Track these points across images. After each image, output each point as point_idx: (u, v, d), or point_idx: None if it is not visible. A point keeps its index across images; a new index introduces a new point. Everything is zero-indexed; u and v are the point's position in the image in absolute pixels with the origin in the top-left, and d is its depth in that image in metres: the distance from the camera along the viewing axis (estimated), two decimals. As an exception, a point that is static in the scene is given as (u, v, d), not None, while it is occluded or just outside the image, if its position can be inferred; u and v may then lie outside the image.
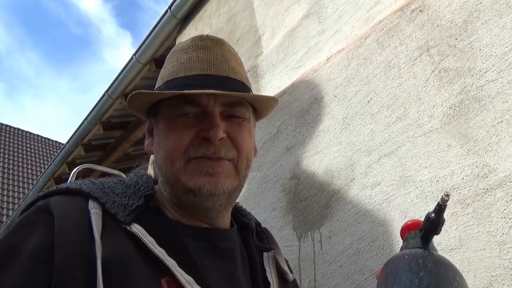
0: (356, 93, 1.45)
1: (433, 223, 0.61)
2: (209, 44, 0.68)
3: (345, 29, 1.60)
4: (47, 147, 14.20)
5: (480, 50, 1.10)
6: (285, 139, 1.73)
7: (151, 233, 0.58)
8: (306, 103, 1.67)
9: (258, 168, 1.81)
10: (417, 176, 1.15)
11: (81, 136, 4.22)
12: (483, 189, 0.99)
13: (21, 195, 10.56)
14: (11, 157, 12.37)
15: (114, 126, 4.27)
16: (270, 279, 0.69)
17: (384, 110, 1.33)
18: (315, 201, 1.48)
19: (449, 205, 0.99)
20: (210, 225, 0.68)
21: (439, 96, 1.17)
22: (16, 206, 8.68)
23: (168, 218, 0.64)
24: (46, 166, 5.08)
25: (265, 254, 0.73)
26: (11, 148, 12.81)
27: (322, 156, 1.52)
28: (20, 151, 12.99)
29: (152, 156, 0.74)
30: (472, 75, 1.10)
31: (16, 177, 11.59)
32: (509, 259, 0.90)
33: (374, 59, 1.42)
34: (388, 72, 1.35)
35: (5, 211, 9.93)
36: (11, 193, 10.86)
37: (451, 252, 1.00)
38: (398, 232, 0.87)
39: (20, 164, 12.34)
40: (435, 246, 0.65)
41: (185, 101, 0.64)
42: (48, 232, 0.52)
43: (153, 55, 3.40)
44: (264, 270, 0.70)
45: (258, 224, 0.79)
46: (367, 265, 1.21)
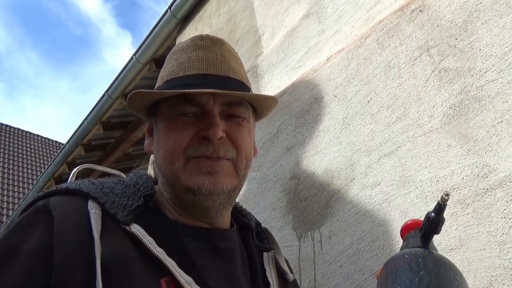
0: (356, 93, 1.45)
1: (433, 223, 0.61)
2: (209, 44, 0.68)
3: (345, 29, 1.60)
4: (47, 147, 14.21)
5: (480, 50, 1.10)
6: (285, 139, 1.73)
7: (151, 233, 0.58)
8: (306, 103, 1.67)
9: (258, 168, 1.81)
10: (417, 176, 1.15)
11: (81, 136, 4.22)
12: (483, 189, 0.99)
13: (21, 195, 10.56)
14: (11, 157, 12.37)
15: (114, 126, 4.27)
16: (270, 279, 0.69)
17: (384, 110, 1.32)
18: (315, 201, 1.48)
19: (449, 205, 0.99)
20: (210, 225, 0.68)
21: (439, 96, 1.17)
22: (16, 206, 8.68)
23: (168, 218, 0.64)
24: (46, 166, 5.08)
25: (265, 254, 0.73)
26: (11, 148, 12.81)
27: (322, 156, 1.52)
28: (20, 151, 12.99)
29: (152, 156, 0.74)
30: (472, 75, 1.10)
31: (16, 177, 11.59)
32: (509, 259, 0.90)
33: (374, 59, 1.42)
34: (388, 72, 1.35)
35: (5, 211, 9.94)
36: (11, 193, 10.86)
37: (451, 252, 1.00)
38: (398, 232, 0.87)
39: (20, 164, 12.34)
40: (435, 246, 0.65)
41: (185, 101, 0.64)
42: (48, 232, 0.52)
43: (153, 55, 3.40)
44: (264, 270, 0.70)
45: (258, 224, 0.79)
46: (367, 265, 1.21)
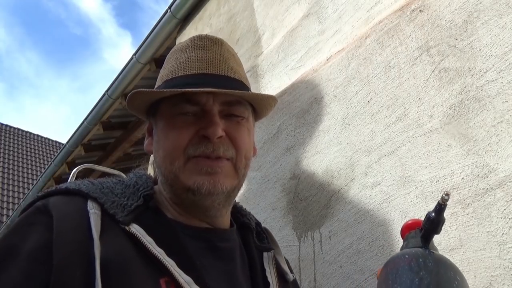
0: (356, 93, 1.45)
1: (434, 223, 0.60)
2: (208, 44, 0.68)
3: (345, 29, 1.60)
4: (47, 147, 14.21)
5: (480, 50, 1.10)
6: (285, 139, 1.72)
7: (150, 233, 0.58)
8: (306, 103, 1.67)
9: (258, 168, 1.81)
10: (417, 176, 1.15)
11: (81, 136, 4.22)
12: (483, 189, 0.99)
13: (21, 195, 10.56)
14: (11, 157, 12.37)
15: (114, 126, 4.27)
16: (270, 279, 0.68)
17: (384, 110, 1.32)
18: (315, 201, 1.48)
19: (449, 205, 0.99)
20: (210, 225, 0.68)
21: (439, 96, 1.17)
22: (16, 206, 8.68)
23: (167, 218, 0.64)
24: (46, 166, 5.08)
25: (265, 254, 0.73)
26: (11, 148, 12.81)
27: (322, 156, 1.52)
28: (20, 151, 12.99)
29: (152, 156, 0.74)
30: (472, 75, 1.10)
31: (16, 177, 11.59)
32: (509, 259, 0.90)
33: (374, 59, 1.42)
34: (388, 72, 1.35)
35: (5, 211, 9.94)
36: (11, 193, 10.86)
37: (451, 252, 1.00)
38: (398, 232, 0.87)
39: (20, 164, 12.34)
40: (435, 246, 0.65)
41: (184, 100, 0.64)
42: (47, 232, 0.52)
43: (153, 55, 3.40)
44: (264, 270, 0.70)
45: (258, 224, 0.79)
46: (367, 265, 1.21)
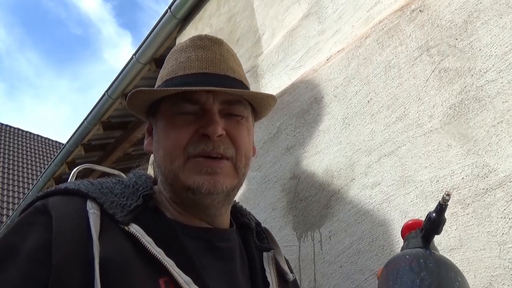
0: (356, 93, 1.45)
1: (434, 223, 0.60)
2: (208, 44, 0.69)
3: (345, 29, 1.60)
4: (47, 147, 14.21)
5: (480, 50, 1.10)
6: (285, 139, 1.72)
7: (150, 233, 0.57)
8: (306, 103, 1.67)
9: (258, 168, 1.81)
10: (417, 176, 1.15)
11: (81, 136, 4.22)
12: (483, 189, 0.99)
13: (21, 195, 10.56)
14: (11, 157, 12.37)
15: (114, 126, 4.27)
16: (270, 279, 0.68)
17: (384, 110, 1.32)
18: (315, 201, 1.48)
19: (449, 205, 0.99)
20: (210, 224, 0.68)
21: (439, 96, 1.17)
22: (16, 206, 8.68)
23: (167, 218, 0.64)
24: (46, 166, 5.08)
25: (265, 254, 0.73)
26: (11, 148, 12.81)
27: (322, 156, 1.52)
28: (20, 151, 12.99)
29: (152, 156, 0.74)
30: (472, 75, 1.10)
31: (16, 177, 11.59)
32: (509, 259, 0.90)
33: (374, 59, 1.42)
34: (388, 72, 1.35)
35: (5, 211, 9.94)
36: (11, 193, 10.86)
37: (451, 252, 1.00)
38: (398, 232, 0.87)
39: (20, 164, 12.34)
40: (436, 246, 0.65)
41: (184, 99, 0.65)
42: (46, 233, 0.52)
43: (153, 55, 3.40)
44: (264, 270, 0.70)
45: (258, 224, 0.79)
46: (367, 265, 1.21)
